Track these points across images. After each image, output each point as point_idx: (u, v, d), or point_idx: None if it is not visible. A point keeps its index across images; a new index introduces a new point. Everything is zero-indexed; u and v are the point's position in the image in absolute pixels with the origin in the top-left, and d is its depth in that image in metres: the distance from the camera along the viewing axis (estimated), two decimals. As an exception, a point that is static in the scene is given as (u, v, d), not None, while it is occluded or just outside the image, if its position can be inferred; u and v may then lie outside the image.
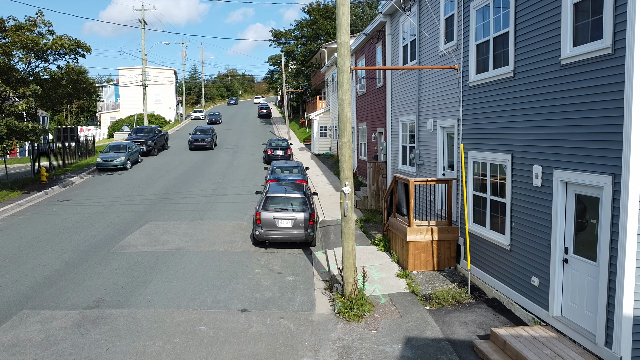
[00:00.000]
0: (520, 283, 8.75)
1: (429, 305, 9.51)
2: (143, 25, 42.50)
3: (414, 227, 11.19)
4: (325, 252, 13.20)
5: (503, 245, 9.25)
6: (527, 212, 8.54)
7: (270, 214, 13.15)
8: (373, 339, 8.20)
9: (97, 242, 14.12)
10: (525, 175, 8.57)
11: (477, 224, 10.36)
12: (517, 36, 8.79)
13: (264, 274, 11.62)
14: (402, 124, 15.77)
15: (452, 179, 11.37)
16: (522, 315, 8.66)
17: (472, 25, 10.48)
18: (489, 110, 9.86)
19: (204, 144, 36.15)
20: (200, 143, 36.17)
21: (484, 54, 10.10)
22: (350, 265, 9.51)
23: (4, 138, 19.59)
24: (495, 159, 9.55)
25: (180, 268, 11.87)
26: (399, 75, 15.94)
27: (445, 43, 12.06)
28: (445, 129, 12.38)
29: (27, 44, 19.44)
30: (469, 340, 8.03)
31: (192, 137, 36.96)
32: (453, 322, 8.74)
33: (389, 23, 16.85)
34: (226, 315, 9.25)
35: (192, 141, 36.39)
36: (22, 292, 10.41)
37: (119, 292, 10.38)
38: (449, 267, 11.39)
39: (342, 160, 9.45)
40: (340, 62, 9.14)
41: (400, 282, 10.68)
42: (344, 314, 9.14)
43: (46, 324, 8.86)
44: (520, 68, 8.71)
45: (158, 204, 19.37)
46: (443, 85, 12.20)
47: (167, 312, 9.35)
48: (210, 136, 36.88)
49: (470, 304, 9.49)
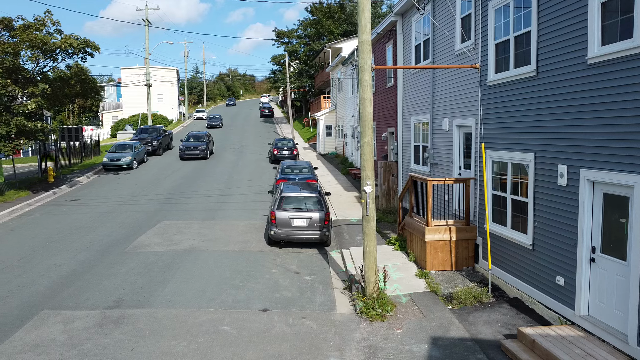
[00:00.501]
0: (544, 282, 8.74)
1: (450, 304, 9.50)
2: (147, 24, 42.46)
3: (432, 226, 11.17)
4: (341, 251, 13.18)
5: (525, 244, 9.24)
6: (551, 211, 8.52)
7: (285, 214, 13.13)
8: (398, 339, 8.19)
9: (110, 242, 14.09)
10: (549, 174, 8.56)
11: (496, 223, 10.35)
12: (540, 35, 8.77)
13: (281, 273, 11.60)
14: (415, 123, 15.76)
15: (469, 178, 11.36)
16: (546, 314, 8.65)
17: (491, 25, 10.46)
18: (509, 109, 9.85)
19: (196, 153, 31.21)
20: (192, 152, 31.18)
21: (503, 54, 10.08)
22: (371, 265, 9.49)
23: (13, 138, 19.56)
24: (517, 158, 9.54)
25: (197, 268, 11.85)
26: (411, 74, 15.93)
27: (461, 42, 12.04)
28: (462, 128, 12.37)
29: (36, 44, 19.40)
30: (495, 339, 8.02)
31: (184, 144, 31.95)
32: (477, 321, 8.73)
33: (400, 22, 16.83)
34: (248, 315, 9.22)
35: (183, 149, 31.35)
36: (41, 292, 10.38)
37: (138, 292, 10.35)
38: (467, 267, 11.38)
39: (364, 160, 9.43)
40: (362, 61, 9.12)
41: (420, 281, 10.66)
42: (365, 313, 9.12)
43: (68, 324, 8.83)
44: (544, 67, 8.69)
45: (167, 203, 19.34)
46: (459, 84, 12.18)
47: (188, 312, 9.33)
48: (205, 143, 31.98)
49: (492, 303, 9.48)
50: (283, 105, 79.37)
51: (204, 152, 31.51)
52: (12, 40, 19.81)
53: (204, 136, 33.36)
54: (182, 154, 31.38)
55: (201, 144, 31.73)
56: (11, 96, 19.61)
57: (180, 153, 31.46)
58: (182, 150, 31.47)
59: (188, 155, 31.29)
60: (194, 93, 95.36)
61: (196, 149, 31.30)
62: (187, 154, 31.32)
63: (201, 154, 31.31)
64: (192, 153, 31.15)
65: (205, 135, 33.64)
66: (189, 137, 33.41)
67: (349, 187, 22.63)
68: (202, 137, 33.11)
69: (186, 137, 33.55)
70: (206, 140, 32.70)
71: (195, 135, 33.72)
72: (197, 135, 33.68)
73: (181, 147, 31.66)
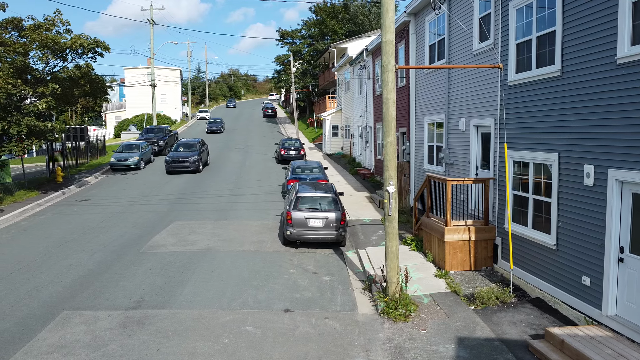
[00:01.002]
0: (569, 282, 8.71)
1: (473, 305, 9.46)
2: (152, 25, 42.45)
3: (451, 226, 11.14)
4: (357, 251, 13.15)
5: (548, 244, 9.21)
6: (576, 211, 8.49)
7: (301, 214, 13.10)
8: (424, 339, 8.16)
9: (125, 242, 14.06)
10: (575, 174, 8.52)
11: (517, 223, 10.31)
12: (565, 35, 8.74)
13: (299, 274, 11.57)
14: (428, 123, 15.73)
15: (488, 178, 11.33)
16: (570, 314, 8.61)
17: (512, 25, 10.43)
18: (531, 109, 9.82)
19: (186, 165, 26.10)
20: (181, 164, 26.11)
21: (525, 53, 10.05)
22: (394, 265, 9.46)
23: (24, 138, 19.53)
24: (539, 158, 9.51)
25: (215, 268, 11.82)
26: (425, 74, 15.89)
27: (479, 42, 12.01)
28: (479, 128, 12.34)
29: (47, 43, 19.37)
30: (521, 340, 7.99)
31: (170, 155, 27.01)
32: (501, 321, 8.70)
33: (413, 22, 16.80)
34: (270, 316, 9.20)
35: (170, 161, 26.33)
36: (60, 292, 10.35)
37: (158, 292, 10.32)
38: (486, 267, 11.35)
39: (386, 160, 9.39)
40: (385, 61, 9.09)
41: (440, 281, 10.63)
42: (388, 314, 9.09)
43: (91, 324, 8.80)
44: (569, 67, 8.66)
45: (178, 203, 19.31)
46: (477, 84, 12.15)
47: (210, 313, 9.30)
48: (197, 153, 26.94)
49: (515, 303, 9.45)
50: (285, 105, 79.32)
51: (196, 164, 26.35)
52: (22, 40, 19.78)
53: (196, 144, 28.14)
54: (168, 166, 26.23)
55: (192, 154, 26.65)
56: (22, 96, 19.58)
57: (167, 166, 26.27)
58: (168, 163, 26.31)
59: (175, 168, 26.11)
60: (196, 93, 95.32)
61: (185, 161, 26.22)
62: (175, 167, 26.11)
63: (192, 167, 26.20)
64: (180, 166, 26.13)
65: (198, 143, 28.52)
66: (179, 145, 28.24)
67: (358, 187, 22.61)
68: (193, 146, 27.84)
69: (175, 147, 28.41)
70: (198, 149, 27.57)
71: (185, 143, 28.44)
72: (188, 143, 28.40)
73: (167, 159, 26.54)
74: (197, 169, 26.45)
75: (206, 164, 29.05)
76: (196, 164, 26.37)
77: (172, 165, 26.33)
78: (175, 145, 28.62)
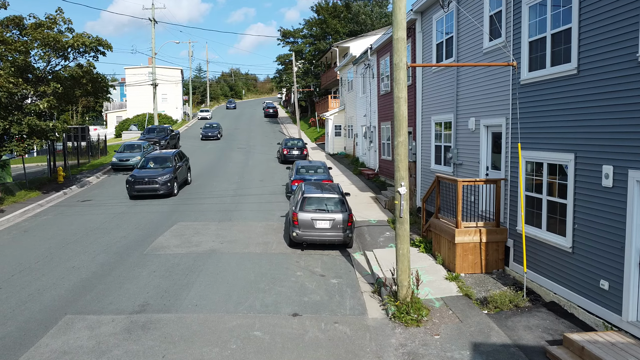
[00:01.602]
0: (585, 286, 8.47)
1: (486, 309, 9.23)
2: (153, 23, 42.21)
3: (462, 228, 10.91)
4: (364, 253, 12.91)
5: (564, 247, 8.97)
6: (594, 213, 8.25)
7: (308, 215, 12.87)
8: (438, 345, 7.92)
9: (128, 244, 13.82)
10: (592, 175, 8.29)
11: (530, 225, 10.07)
12: (582, 33, 8.50)
13: (306, 276, 11.34)
14: (436, 122, 15.49)
15: (500, 179, 11.09)
16: (587, 319, 8.38)
17: (525, 22, 10.19)
18: (545, 108, 9.58)
19: (154, 187, 19.63)
20: (147, 186, 19.65)
21: (538, 51, 9.81)
22: (405, 268, 9.23)
23: (25, 137, 19.30)
24: (554, 158, 9.27)
25: (220, 270, 11.58)
26: (432, 73, 15.65)
27: (490, 40, 11.78)
28: (489, 128, 12.10)
29: (49, 42, 19.13)
30: (539, 345, 7.75)
31: (135, 173, 20.32)
32: (516, 326, 8.46)
33: (420, 20, 16.56)
34: (278, 320, 8.96)
35: (133, 182, 19.70)
36: (62, 295, 10.12)
37: (163, 295, 10.09)
38: (497, 270, 11.11)
39: (398, 160, 9.16)
40: (397, 59, 8.85)
41: (451, 285, 10.40)
42: (399, 318, 8.86)
43: (94, 329, 8.57)
44: (585, 65, 8.42)
45: (182, 204, 19.07)
46: (487, 83, 11.91)
47: (216, 317, 9.07)
48: (170, 170, 20.41)
49: (529, 307, 9.21)
50: (287, 105, 79.08)
51: (168, 185, 19.81)
52: (23, 39, 19.55)
53: (171, 158, 21.50)
54: (130, 189, 19.79)
55: (163, 173, 20.21)
56: (23, 95, 19.35)
57: (129, 189, 19.85)
58: (130, 184, 19.79)
59: (140, 191, 19.68)
60: (197, 93, 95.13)
61: (153, 181, 19.61)
62: (139, 190, 19.66)
63: (163, 189, 19.69)
64: (146, 188, 19.61)
65: (174, 156, 21.81)
66: (148, 160, 21.69)
67: (363, 187, 22.37)
68: (167, 161, 21.32)
69: (143, 161, 21.85)
70: (173, 165, 21.09)
71: (157, 157, 21.79)
72: (161, 157, 21.77)
73: (129, 179, 20.00)
74: (169, 191, 19.89)
75: (186, 182, 22.91)
76: (168, 186, 19.77)
77: (135, 188, 19.61)
78: (144, 159, 21.94)
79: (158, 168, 21.04)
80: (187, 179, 23.12)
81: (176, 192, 20.72)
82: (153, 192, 19.73)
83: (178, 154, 22.79)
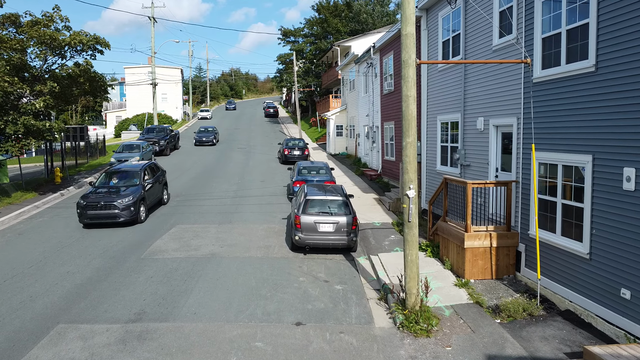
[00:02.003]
0: (605, 295, 8.05)
1: (498, 318, 8.80)
2: (152, 22, 41.79)
3: (471, 232, 10.48)
4: (369, 258, 12.49)
5: (580, 253, 8.54)
6: (614, 217, 7.83)
7: (311, 218, 12.44)
8: (450, 358, 7.50)
9: (125, 247, 13.41)
10: (612, 177, 7.86)
11: (543, 229, 9.65)
12: (600, 28, 8.07)
13: (309, 282, 10.91)
14: (442, 122, 15.06)
15: (511, 181, 10.67)
16: (607, 330, 7.95)
17: (538, 18, 9.76)
18: (560, 107, 9.15)
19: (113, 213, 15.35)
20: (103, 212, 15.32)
21: (552, 48, 9.39)
22: (413, 275, 8.80)
23: (21, 138, 18.89)
24: (570, 160, 8.84)
25: (220, 276, 11.16)
26: (438, 71, 15.23)
27: (500, 37, 11.35)
28: (499, 128, 11.67)
29: (45, 40, 18.71)
30: (557, 358, 7.33)
31: (89, 194, 15.89)
32: (532, 337, 8.04)
33: (425, 18, 16.13)
34: (281, 330, 8.54)
35: (85, 206, 15.35)
36: (55, 303, 9.70)
37: (160, 302, 9.66)
38: (508, 275, 10.69)
39: (406, 162, 8.74)
40: (406, 56, 8.44)
41: (460, 291, 9.97)
42: (408, 328, 8.44)
43: (87, 340, 8.15)
44: (605, 62, 7.99)
45: (181, 205, 18.65)
46: (497, 81, 11.49)
47: (216, 326, 8.64)
48: (136, 191, 16.10)
49: (544, 316, 8.79)
50: (287, 104, 78.65)
51: (131, 209, 15.43)
52: (19, 37, 19.13)
53: (138, 174, 16.99)
54: (82, 216, 15.38)
55: (125, 194, 15.70)
56: (18, 95, 18.93)
57: (80, 214, 15.43)
58: (82, 208, 15.32)
59: (94, 219, 15.29)
60: (197, 92, 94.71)
61: (111, 205, 15.24)
62: (93, 217, 15.29)
63: (124, 215, 15.31)
64: (102, 215, 15.26)
65: (141, 171, 17.17)
66: (110, 175, 17.32)
67: (366, 188, 21.94)
68: (132, 177, 16.89)
69: (103, 176, 17.36)
70: (140, 183, 16.58)
71: (121, 172, 17.34)
72: (125, 172, 17.29)
73: (80, 202, 15.48)
74: (132, 217, 15.44)
75: (160, 202, 18.49)
76: (131, 211, 15.35)
77: (87, 215, 15.25)
78: (105, 174, 17.50)
79: (121, 187, 16.47)
80: (162, 198, 18.44)
81: (143, 218, 16.10)
82: (111, 219, 15.26)
83: (149, 168, 18.19)
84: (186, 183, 23.36)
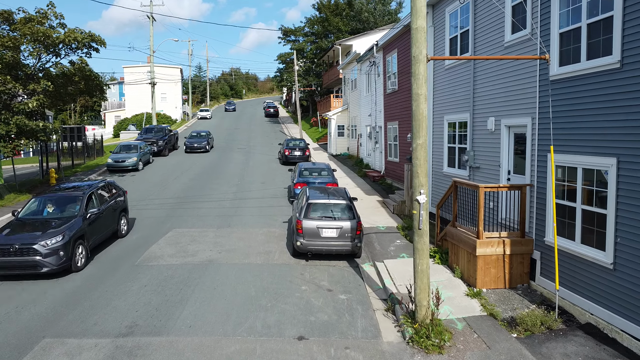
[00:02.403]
0: (631, 309, 7.47)
1: (515, 332, 8.23)
2: (151, 20, 41.21)
3: (483, 239, 9.91)
4: (374, 264, 11.91)
5: (603, 263, 7.97)
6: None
7: (313, 223, 11.86)
8: (465, 378, 6.93)
9: (119, 253, 12.84)
10: (638, 182, 7.29)
11: (561, 236, 9.07)
12: (626, 21, 7.50)
13: (312, 291, 10.34)
14: (449, 122, 14.49)
15: (525, 184, 10.09)
16: (634, 347, 7.38)
17: (555, 12, 9.18)
18: (580, 107, 8.58)
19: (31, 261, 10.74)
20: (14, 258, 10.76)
21: (571, 44, 8.81)
22: (424, 286, 8.23)
23: (13, 138, 18.32)
24: (591, 163, 8.27)
25: (218, 284, 10.59)
26: (445, 69, 14.65)
27: (512, 33, 10.77)
28: (512, 129, 11.10)
29: (39, 37, 18.13)
30: (582, 380, 6.76)
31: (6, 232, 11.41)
32: (552, 354, 7.46)
33: (431, 14, 15.55)
34: (282, 345, 7.96)
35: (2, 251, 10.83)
36: (42, 315, 9.13)
37: (153, 314, 9.09)
38: (522, 284, 10.11)
39: (417, 165, 8.17)
40: (416, 51, 7.86)
41: (473, 302, 9.39)
42: (418, 343, 7.87)
43: (74, 356, 7.58)
44: (631, 58, 7.42)
45: (178, 208, 18.08)
46: (509, 79, 10.91)
47: (213, 341, 8.07)
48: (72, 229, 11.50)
49: (564, 330, 8.21)
50: (287, 104, 78.04)
51: (59, 255, 10.99)
52: (12, 34, 18.55)
53: (80, 200, 12.61)
54: None
55: (54, 232, 11.24)
56: (11, 94, 18.35)
57: None
58: None
59: (4, 267, 10.83)
60: (197, 92, 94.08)
61: (28, 250, 10.80)
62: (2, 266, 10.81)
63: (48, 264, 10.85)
64: (13, 263, 10.79)
65: (85, 198, 12.69)
66: (44, 203, 12.68)
67: (368, 190, 21.36)
68: (72, 205, 12.56)
69: (32, 202, 12.81)
70: (81, 214, 12.23)
71: (56, 199, 12.79)
72: (63, 198, 12.81)
73: None
74: (61, 265, 11.04)
75: (115, 235, 14.21)
76: (60, 256, 11.00)
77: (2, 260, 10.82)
78: (36, 201, 12.87)
79: (53, 220, 11.91)
80: (117, 229, 14.09)
81: (80, 265, 11.58)
82: (29, 268, 10.84)
83: (100, 189, 13.75)
84: (184, 184, 22.78)
